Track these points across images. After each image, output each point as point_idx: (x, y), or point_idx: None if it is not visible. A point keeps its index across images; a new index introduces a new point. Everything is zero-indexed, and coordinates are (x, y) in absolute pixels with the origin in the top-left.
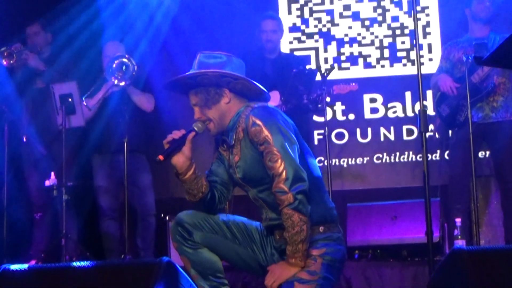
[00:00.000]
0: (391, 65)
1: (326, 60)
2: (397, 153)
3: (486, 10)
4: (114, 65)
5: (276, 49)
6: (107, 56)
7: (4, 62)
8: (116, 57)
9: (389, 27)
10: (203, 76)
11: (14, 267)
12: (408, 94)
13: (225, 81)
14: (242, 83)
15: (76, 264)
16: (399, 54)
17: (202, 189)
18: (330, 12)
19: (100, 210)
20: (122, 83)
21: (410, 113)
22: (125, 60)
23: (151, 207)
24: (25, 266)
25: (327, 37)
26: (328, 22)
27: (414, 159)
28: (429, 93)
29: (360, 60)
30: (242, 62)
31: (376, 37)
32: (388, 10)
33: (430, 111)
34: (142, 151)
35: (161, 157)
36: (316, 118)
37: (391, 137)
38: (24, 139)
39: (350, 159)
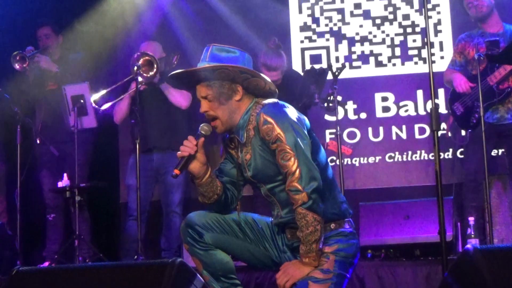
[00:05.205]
0: (403, 64)
1: (337, 59)
2: (409, 152)
3: (473, 8)
4: (140, 62)
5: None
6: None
7: (17, 66)
8: (144, 54)
9: (400, 25)
10: (223, 70)
11: (28, 268)
12: (419, 93)
13: (243, 78)
14: (258, 81)
15: (89, 265)
16: (411, 52)
17: (217, 191)
18: (341, 11)
19: (128, 210)
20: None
21: (422, 112)
22: (148, 58)
23: (175, 205)
24: (38, 267)
25: (338, 36)
26: (339, 20)
27: (426, 158)
28: (440, 91)
29: (372, 59)
30: (251, 58)
31: (387, 35)
32: (399, 8)
33: (442, 109)
34: (175, 148)
35: (177, 171)
36: (327, 117)
37: (403, 135)
38: (38, 141)
39: (362, 158)
